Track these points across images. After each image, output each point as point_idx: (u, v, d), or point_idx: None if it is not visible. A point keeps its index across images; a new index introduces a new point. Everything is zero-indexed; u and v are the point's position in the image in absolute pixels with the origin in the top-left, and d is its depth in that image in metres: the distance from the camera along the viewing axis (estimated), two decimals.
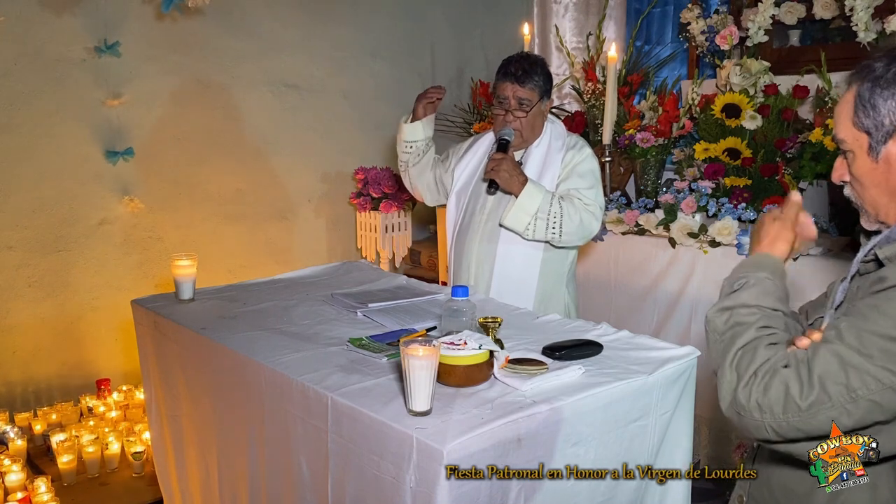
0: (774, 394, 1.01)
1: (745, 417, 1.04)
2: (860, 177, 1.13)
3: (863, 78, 1.09)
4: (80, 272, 3.24)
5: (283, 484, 1.64)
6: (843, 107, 1.11)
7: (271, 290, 2.30)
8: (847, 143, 1.12)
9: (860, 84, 1.09)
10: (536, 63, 2.31)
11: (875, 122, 1.08)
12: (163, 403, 2.17)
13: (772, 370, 1.03)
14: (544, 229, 2.22)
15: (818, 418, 0.99)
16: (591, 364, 1.57)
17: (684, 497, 1.64)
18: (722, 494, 2.79)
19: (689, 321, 3.00)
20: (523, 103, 2.28)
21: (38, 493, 2.48)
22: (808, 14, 3.26)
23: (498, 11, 4.48)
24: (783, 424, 1.01)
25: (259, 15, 3.61)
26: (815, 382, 0.99)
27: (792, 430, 1.01)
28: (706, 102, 3.19)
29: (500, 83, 2.31)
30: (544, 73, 2.31)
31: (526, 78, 2.26)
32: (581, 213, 2.23)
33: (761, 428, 1.03)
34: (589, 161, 2.34)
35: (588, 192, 2.28)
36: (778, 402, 1.01)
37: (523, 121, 2.29)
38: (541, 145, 2.36)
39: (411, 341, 1.35)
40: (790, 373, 1.02)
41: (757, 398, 1.02)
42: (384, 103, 4.09)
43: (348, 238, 4.07)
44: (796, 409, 1.00)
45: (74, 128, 3.16)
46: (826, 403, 0.98)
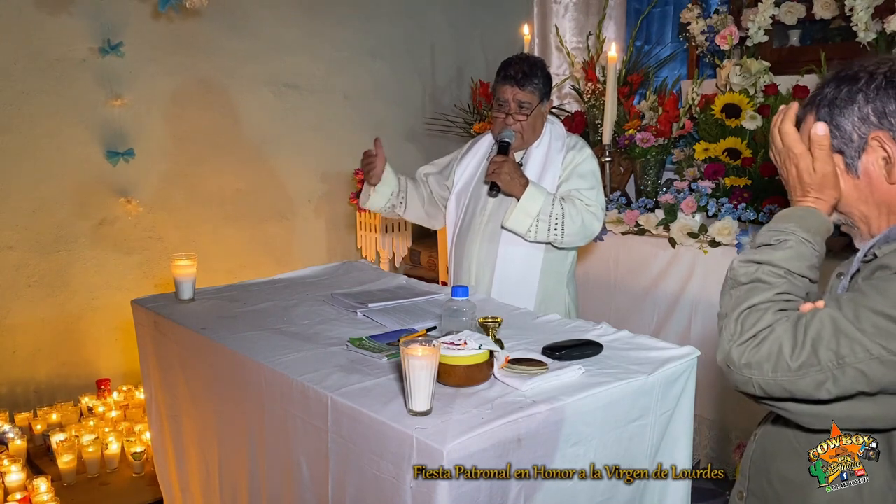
0: (766, 351, 1.03)
1: (734, 372, 1.06)
2: (846, 197, 1.15)
3: (818, 105, 1.13)
4: (80, 272, 3.24)
5: (283, 484, 1.64)
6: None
7: (271, 290, 2.30)
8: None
9: (817, 112, 1.13)
10: (536, 65, 2.30)
11: (844, 141, 1.12)
12: (163, 403, 2.17)
13: (770, 332, 1.05)
14: (546, 231, 2.22)
15: (805, 380, 1.01)
16: (591, 364, 1.57)
17: (684, 497, 1.64)
18: (722, 494, 2.80)
19: (689, 321, 3.00)
20: (524, 106, 2.28)
21: (38, 493, 2.48)
22: (808, 14, 3.26)
23: (498, 11, 4.48)
24: (770, 383, 1.03)
25: (259, 15, 3.62)
26: (807, 344, 1.01)
27: (778, 388, 1.03)
28: (706, 102, 3.19)
29: (499, 86, 2.30)
30: (544, 76, 2.31)
31: (526, 81, 2.26)
32: (583, 214, 2.23)
33: (749, 383, 1.05)
34: (589, 161, 2.34)
35: (589, 193, 2.28)
36: (769, 359, 1.02)
37: (524, 123, 2.29)
38: (541, 146, 2.36)
39: (411, 341, 1.35)
40: (785, 332, 1.03)
41: (749, 357, 1.04)
42: (384, 103, 4.10)
43: (348, 238, 4.07)
44: (786, 368, 1.01)
45: (75, 128, 3.17)
46: (815, 367, 1.00)
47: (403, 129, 4.20)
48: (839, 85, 1.12)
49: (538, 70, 2.29)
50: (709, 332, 2.91)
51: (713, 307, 2.90)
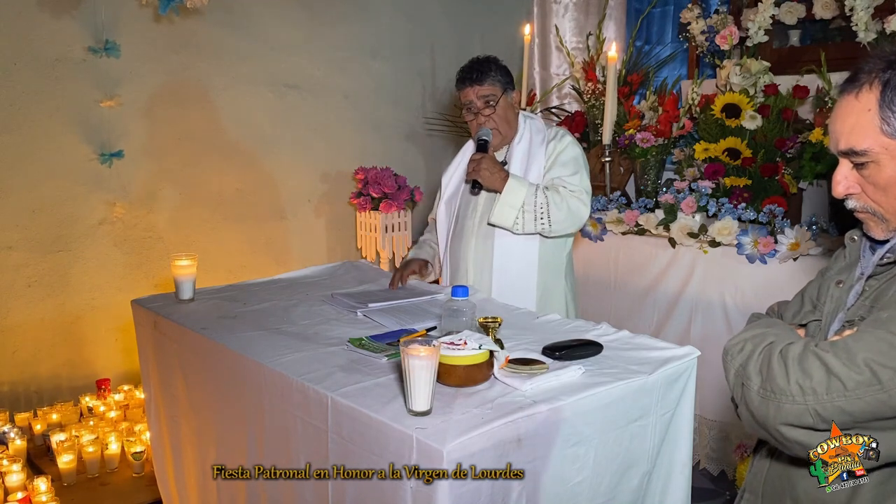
0: (815, 374, 1.01)
1: (786, 403, 1.02)
2: (886, 185, 1.10)
3: (882, 86, 1.07)
4: (80, 272, 3.24)
5: (283, 484, 1.64)
6: (861, 118, 1.09)
7: (271, 290, 2.30)
8: (872, 153, 1.09)
9: (881, 93, 1.07)
10: (488, 60, 2.34)
11: None
12: (162, 403, 2.17)
13: (804, 353, 1.03)
14: (533, 221, 2.23)
15: (866, 400, 0.99)
16: (591, 364, 1.57)
17: (684, 497, 1.64)
18: (722, 494, 2.80)
19: (689, 321, 3.00)
20: (489, 100, 2.30)
21: (38, 493, 2.48)
22: (808, 14, 3.26)
23: (498, 11, 4.47)
24: (827, 406, 1.00)
25: (259, 15, 3.61)
26: (859, 364, 0.99)
27: (836, 411, 1.00)
28: (706, 102, 3.19)
29: (460, 91, 2.34)
30: (499, 68, 2.34)
31: (482, 76, 2.29)
32: (567, 200, 2.23)
33: (805, 413, 1.02)
34: (570, 149, 2.34)
35: (572, 179, 2.28)
36: (820, 382, 1.00)
37: (495, 117, 2.31)
38: (522, 141, 2.37)
39: (411, 341, 1.35)
40: (827, 355, 1.01)
41: (797, 379, 1.02)
42: (384, 103, 4.10)
43: (348, 238, 4.07)
44: (841, 388, 0.99)
45: (75, 128, 3.16)
46: (875, 386, 0.98)
47: (403, 129, 4.20)
48: None
49: (490, 64, 2.33)
50: (709, 332, 2.91)
51: (713, 307, 2.92)
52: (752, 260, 2.80)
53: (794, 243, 2.70)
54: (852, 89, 1.10)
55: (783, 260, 2.75)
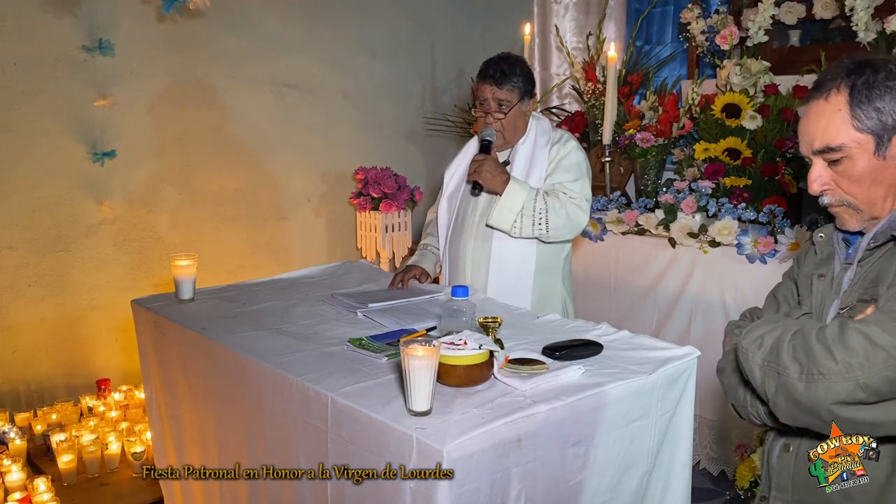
0: (859, 348, 1.02)
1: (836, 382, 1.03)
2: (860, 177, 1.19)
3: (850, 88, 1.17)
4: (80, 272, 3.24)
5: (283, 483, 1.64)
6: (834, 118, 1.18)
7: (271, 290, 2.30)
8: (846, 147, 1.18)
9: (849, 94, 1.16)
10: (515, 64, 2.31)
11: (881, 123, 1.16)
12: (163, 403, 2.17)
13: (842, 330, 1.05)
14: (531, 226, 2.23)
15: None
16: (591, 364, 1.57)
17: (684, 497, 1.64)
18: (722, 494, 2.80)
19: (689, 321, 3.00)
20: (502, 104, 2.29)
21: (38, 493, 2.48)
22: (808, 14, 3.26)
23: (498, 11, 4.47)
24: (875, 377, 1.01)
25: (259, 15, 3.61)
26: None
27: (884, 381, 1.01)
28: (706, 102, 3.19)
29: (479, 85, 2.32)
30: (523, 74, 2.31)
31: (504, 80, 2.27)
32: (567, 206, 2.23)
33: (856, 388, 1.02)
34: (574, 154, 2.33)
35: (573, 185, 2.27)
36: (866, 355, 1.02)
37: (503, 122, 2.30)
38: (527, 143, 2.37)
39: (411, 341, 1.35)
40: (867, 327, 1.03)
41: (842, 356, 1.03)
42: (384, 103, 4.09)
43: (348, 238, 4.07)
44: (886, 357, 1.01)
45: (75, 128, 3.16)
46: None
47: (403, 129, 4.20)
48: (877, 69, 1.16)
49: (517, 69, 2.30)
50: (709, 332, 2.91)
51: (713, 307, 2.92)
52: (752, 260, 2.80)
53: (794, 243, 2.70)
54: (820, 95, 1.20)
55: (783, 260, 2.75)
